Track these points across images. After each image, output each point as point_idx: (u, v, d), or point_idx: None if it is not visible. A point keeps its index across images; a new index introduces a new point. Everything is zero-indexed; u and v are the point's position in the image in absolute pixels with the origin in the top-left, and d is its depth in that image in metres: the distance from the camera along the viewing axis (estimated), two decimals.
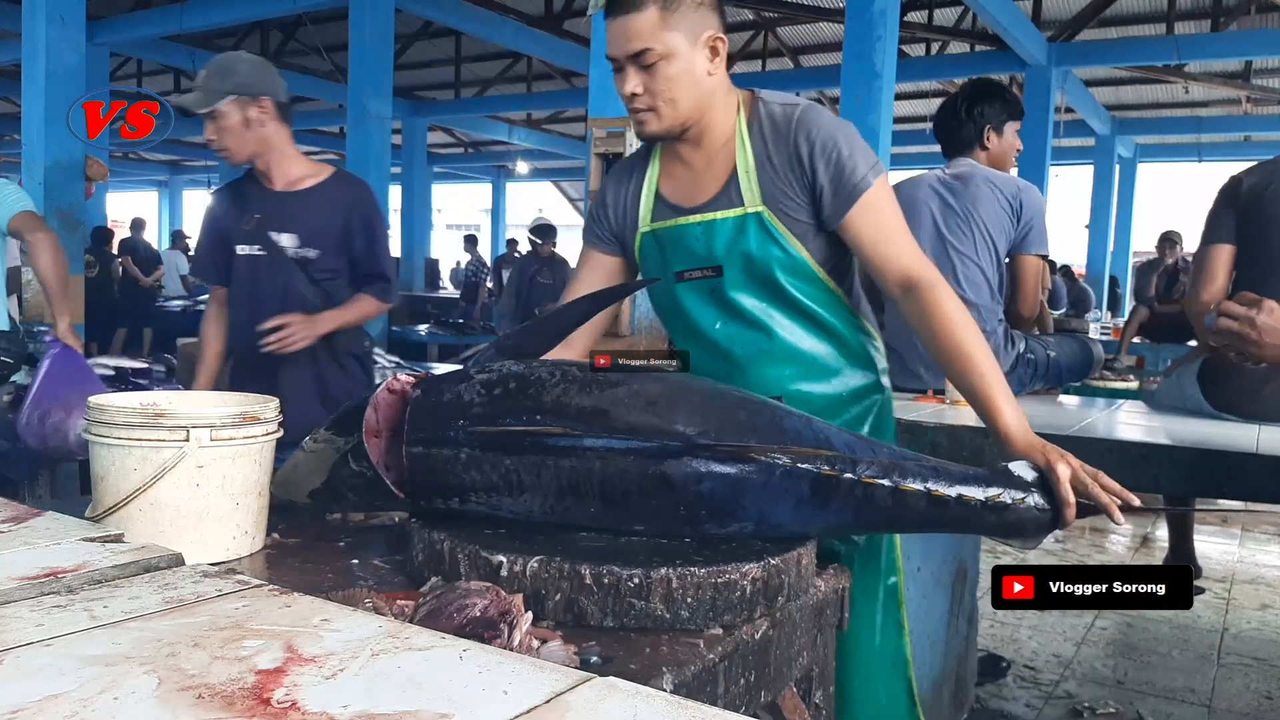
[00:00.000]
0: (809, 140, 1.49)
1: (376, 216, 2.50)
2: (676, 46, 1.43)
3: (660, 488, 1.16)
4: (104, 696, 0.68)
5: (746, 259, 1.54)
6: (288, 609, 0.89)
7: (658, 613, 1.06)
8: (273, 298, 2.38)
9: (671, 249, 1.60)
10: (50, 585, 0.92)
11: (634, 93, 1.46)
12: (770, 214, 1.52)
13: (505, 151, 18.12)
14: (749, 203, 1.52)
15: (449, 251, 19.89)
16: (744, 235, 1.53)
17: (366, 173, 8.37)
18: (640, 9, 1.41)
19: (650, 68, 1.44)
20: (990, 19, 8.13)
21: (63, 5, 6.83)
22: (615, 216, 1.67)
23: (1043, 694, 2.92)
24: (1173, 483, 1.98)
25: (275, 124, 2.37)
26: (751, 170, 1.52)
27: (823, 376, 1.59)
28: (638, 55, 1.43)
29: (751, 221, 1.52)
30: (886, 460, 1.22)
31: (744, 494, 1.17)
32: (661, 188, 1.62)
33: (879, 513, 1.21)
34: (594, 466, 1.17)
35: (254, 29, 11.34)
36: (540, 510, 1.22)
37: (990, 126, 2.79)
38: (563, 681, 0.73)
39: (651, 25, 1.41)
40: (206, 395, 1.52)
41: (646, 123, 1.50)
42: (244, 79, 2.31)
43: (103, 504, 1.25)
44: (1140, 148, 14.90)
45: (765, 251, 1.53)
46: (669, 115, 1.48)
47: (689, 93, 1.47)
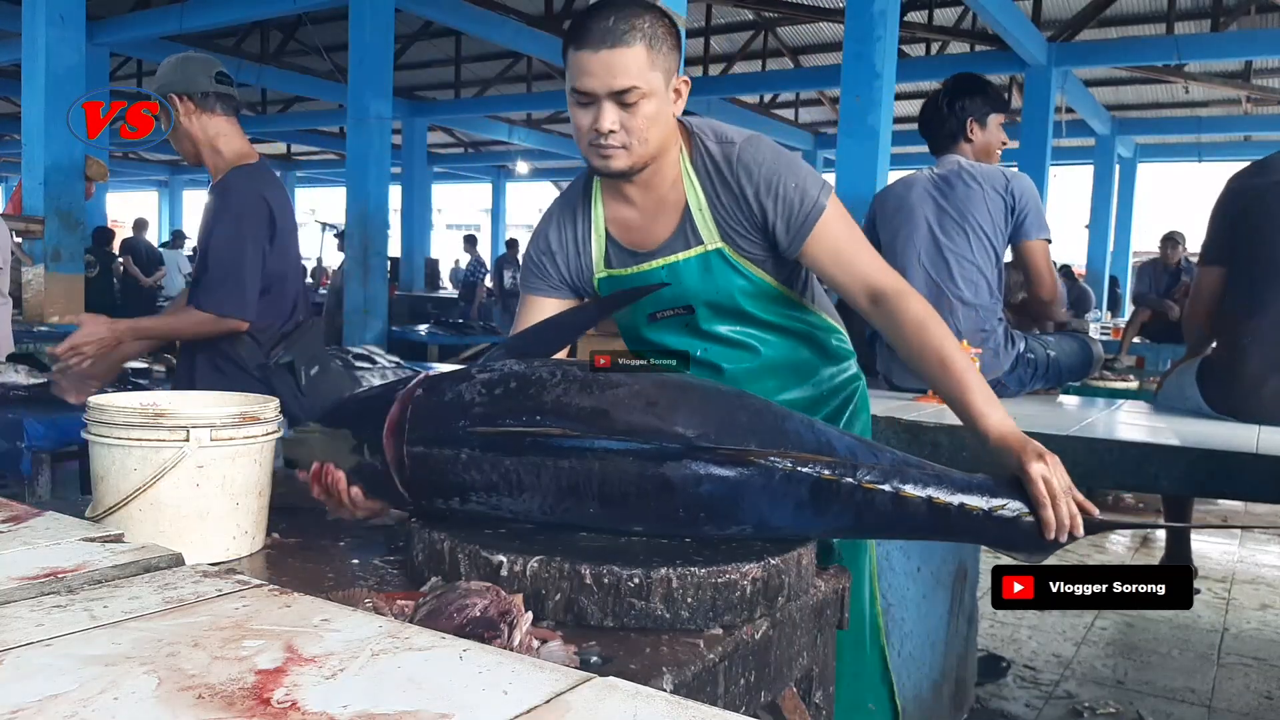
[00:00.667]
0: (751, 180, 1.50)
1: (224, 207, 2.27)
2: (657, 86, 1.42)
3: (659, 489, 1.16)
4: (104, 696, 0.68)
5: (714, 293, 1.56)
6: (288, 609, 0.89)
7: (658, 613, 1.06)
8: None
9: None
10: (50, 585, 0.92)
11: (611, 129, 1.42)
12: (729, 249, 1.54)
13: (505, 151, 18.12)
14: (708, 240, 1.54)
15: (449, 252, 19.90)
16: (708, 272, 1.55)
17: (366, 173, 8.40)
18: (629, 45, 1.38)
19: (631, 106, 1.41)
20: (990, 19, 8.13)
21: (63, 5, 6.83)
22: (564, 262, 1.63)
23: (1043, 694, 2.92)
24: (1172, 483, 1.98)
25: (201, 118, 2.29)
26: (705, 209, 1.53)
27: (805, 379, 1.65)
28: (622, 92, 1.39)
29: (714, 258, 1.54)
30: (888, 465, 1.22)
31: (743, 497, 1.17)
32: (611, 231, 1.59)
33: (878, 518, 1.21)
34: (593, 468, 1.17)
35: (254, 29, 11.35)
36: (540, 510, 1.21)
37: (973, 119, 2.79)
38: (563, 681, 0.73)
39: (640, 63, 1.39)
40: (207, 395, 1.52)
41: (614, 158, 1.45)
42: (160, 80, 2.29)
43: (103, 504, 1.25)
44: (1140, 148, 14.90)
45: (730, 283, 1.56)
46: (639, 153, 1.45)
47: (659, 132, 1.45)
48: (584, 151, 1.48)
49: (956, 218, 2.71)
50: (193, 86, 2.29)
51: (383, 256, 8.74)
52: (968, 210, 2.70)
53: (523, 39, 10.07)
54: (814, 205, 1.48)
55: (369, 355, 5.46)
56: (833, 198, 1.51)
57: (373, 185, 8.39)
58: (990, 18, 8.06)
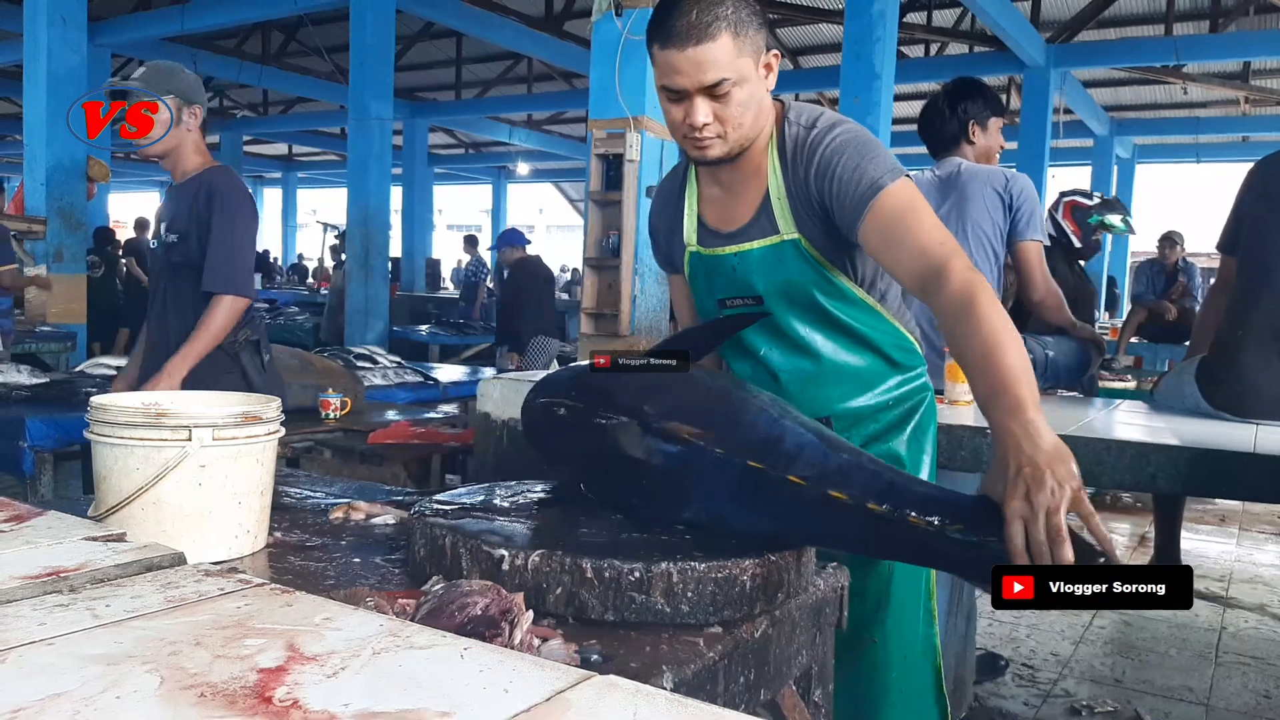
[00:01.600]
0: (814, 162, 1.45)
1: (221, 197, 2.44)
2: (747, 72, 1.39)
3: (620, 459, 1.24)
4: (106, 695, 0.68)
5: (786, 286, 1.52)
6: (289, 608, 0.89)
7: (658, 607, 1.07)
8: (156, 284, 2.60)
9: (714, 275, 1.59)
10: (53, 584, 0.92)
11: (705, 123, 1.40)
12: (805, 240, 1.48)
13: (506, 152, 18.13)
14: (784, 230, 1.49)
15: (450, 252, 19.90)
16: (781, 263, 1.50)
17: (368, 173, 8.40)
18: (714, 38, 1.35)
19: (723, 96, 1.38)
20: (989, 20, 8.14)
21: (64, 6, 6.84)
22: (663, 239, 1.67)
23: (1041, 692, 2.92)
24: (1170, 482, 1.98)
25: (195, 126, 2.53)
26: (783, 196, 1.49)
27: (866, 389, 1.58)
28: (713, 86, 1.37)
29: (788, 248, 1.49)
30: (832, 466, 1.16)
31: (686, 477, 1.21)
32: (701, 208, 1.60)
33: (811, 520, 1.16)
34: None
35: (255, 30, 11.35)
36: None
37: (974, 122, 2.80)
38: (563, 680, 0.73)
39: (727, 54, 1.36)
40: (208, 395, 1.52)
41: (709, 148, 1.44)
42: (168, 84, 2.46)
43: (105, 503, 1.25)
44: (1139, 148, 14.90)
45: (804, 276, 1.50)
46: (735, 140, 1.44)
47: (752, 114, 1.43)
48: (679, 143, 1.48)
49: (957, 219, 2.72)
50: (198, 97, 2.52)
51: (384, 257, 8.75)
52: (968, 212, 2.71)
53: (523, 40, 10.08)
54: (870, 186, 1.40)
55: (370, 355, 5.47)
56: (901, 182, 1.41)
57: (374, 186, 8.40)
58: (989, 19, 8.06)
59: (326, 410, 3.56)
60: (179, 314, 2.49)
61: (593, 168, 4.37)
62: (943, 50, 10.65)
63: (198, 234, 2.44)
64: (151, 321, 2.60)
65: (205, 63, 11.00)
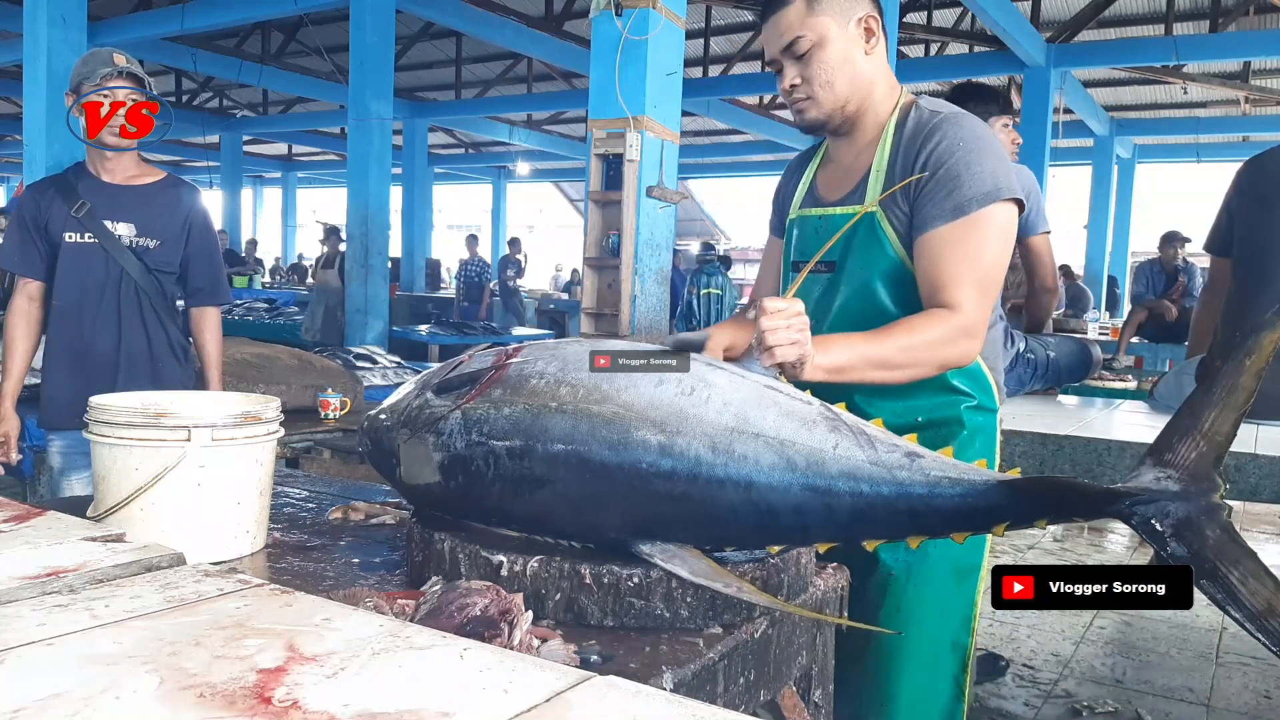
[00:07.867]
0: (929, 146, 1.43)
1: (205, 212, 2.59)
2: (826, 30, 1.45)
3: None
4: (106, 695, 0.68)
5: (852, 259, 1.51)
6: (289, 608, 0.89)
7: (657, 612, 1.07)
8: (106, 285, 2.41)
9: (801, 237, 1.61)
10: (52, 585, 0.92)
11: (793, 84, 1.48)
12: (882, 215, 1.47)
13: (505, 152, 18.12)
14: (869, 200, 1.49)
15: (450, 252, 19.87)
16: (855, 233, 1.49)
17: (367, 173, 8.40)
18: (786, 3, 1.45)
19: (804, 56, 1.46)
20: (989, 20, 8.15)
21: (64, 6, 6.84)
22: (781, 205, 1.72)
23: (1041, 693, 2.92)
24: None
25: None
26: (883, 170, 1.49)
27: (895, 396, 1.47)
28: (790, 46, 1.46)
29: (864, 221, 1.49)
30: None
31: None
32: (816, 177, 1.64)
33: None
34: None
35: (255, 30, 11.35)
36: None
37: None
38: (563, 680, 0.73)
39: (798, 14, 1.45)
40: (207, 395, 1.52)
41: (805, 110, 1.50)
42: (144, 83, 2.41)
43: (104, 503, 1.25)
44: (1139, 148, 14.91)
45: (868, 254, 1.49)
46: (827, 99, 1.48)
47: (844, 74, 1.47)
48: (791, 114, 1.55)
49: None
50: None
51: (384, 257, 8.74)
52: None
53: (523, 40, 10.07)
54: (953, 208, 1.39)
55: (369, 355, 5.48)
56: (991, 210, 1.38)
57: (374, 186, 8.39)
58: (989, 19, 8.07)
59: (326, 410, 3.56)
60: (155, 320, 2.43)
61: (593, 168, 4.37)
62: (943, 50, 10.65)
63: (188, 245, 2.48)
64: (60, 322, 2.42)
65: (205, 62, 11.00)
